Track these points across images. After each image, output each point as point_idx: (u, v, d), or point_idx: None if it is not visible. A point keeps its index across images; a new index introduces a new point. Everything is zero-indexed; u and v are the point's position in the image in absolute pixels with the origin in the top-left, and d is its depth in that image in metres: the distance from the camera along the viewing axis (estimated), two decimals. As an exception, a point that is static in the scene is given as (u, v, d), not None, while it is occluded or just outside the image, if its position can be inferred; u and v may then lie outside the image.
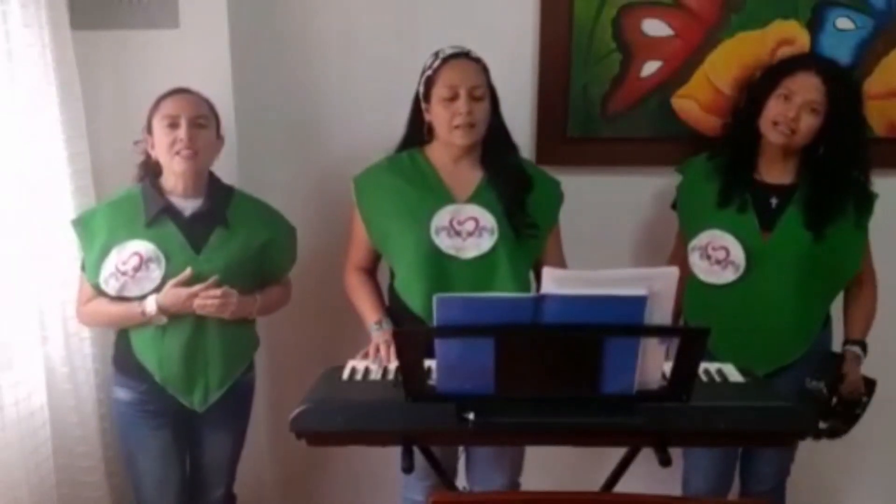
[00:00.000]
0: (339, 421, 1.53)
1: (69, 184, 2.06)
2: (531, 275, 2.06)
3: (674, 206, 2.22)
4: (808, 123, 1.95)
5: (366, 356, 1.86)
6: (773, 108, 1.98)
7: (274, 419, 2.46)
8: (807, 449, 2.06)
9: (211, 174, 2.02)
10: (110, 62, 2.19)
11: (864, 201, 2.03)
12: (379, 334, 1.93)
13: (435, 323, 1.43)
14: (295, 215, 2.18)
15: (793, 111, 1.95)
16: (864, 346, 2.08)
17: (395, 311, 2.02)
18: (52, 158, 2.03)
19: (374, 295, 2.06)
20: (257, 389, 2.22)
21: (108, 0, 2.17)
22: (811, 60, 2.08)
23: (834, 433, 2.07)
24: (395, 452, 1.58)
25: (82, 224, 1.97)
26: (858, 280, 2.10)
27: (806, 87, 1.95)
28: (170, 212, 1.95)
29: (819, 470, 2.49)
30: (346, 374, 1.71)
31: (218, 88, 2.18)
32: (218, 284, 1.90)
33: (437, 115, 1.93)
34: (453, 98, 1.89)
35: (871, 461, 2.60)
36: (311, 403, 1.55)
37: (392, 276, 2.06)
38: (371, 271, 2.11)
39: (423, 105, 1.97)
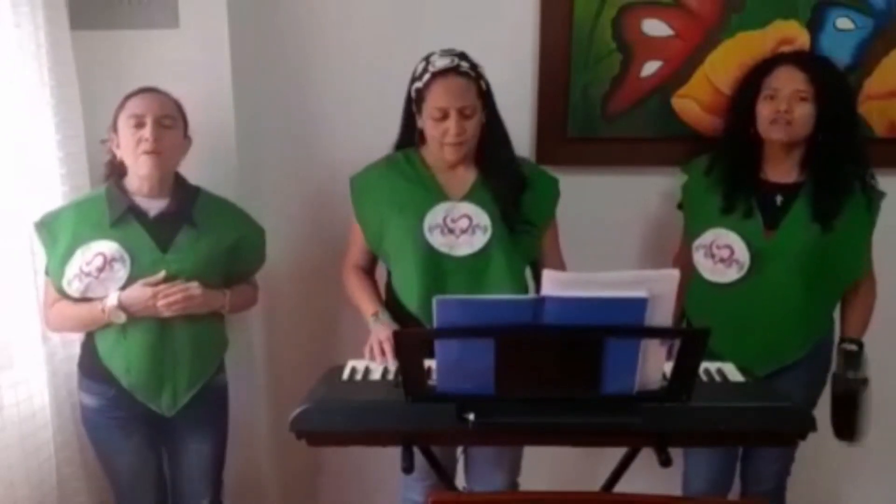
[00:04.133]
0: (339, 421, 1.54)
1: (66, 184, 2.06)
2: (528, 273, 2.06)
3: (680, 206, 2.22)
4: (802, 111, 1.96)
5: (370, 352, 1.86)
6: (764, 110, 2.00)
7: (274, 419, 2.46)
8: (807, 449, 2.05)
9: (177, 175, 2.00)
10: (110, 62, 2.19)
11: (870, 195, 2.02)
12: (378, 327, 1.93)
13: (435, 324, 1.43)
14: (294, 215, 2.19)
15: (783, 104, 1.96)
16: (860, 346, 2.08)
17: (392, 308, 2.02)
18: (48, 158, 2.02)
19: (371, 289, 2.06)
20: (257, 390, 2.22)
21: (108, 0, 2.17)
22: (785, 55, 2.09)
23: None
24: (395, 452, 1.58)
25: (45, 226, 1.92)
26: (857, 279, 2.10)
27: (788, 79, 1.98)
28: (134, 212, 1.92)
29: (819, 470, 2.49)
30: (346, 374, 1.71)
31: (218, 88, 2.18)
32: (170, 280, 1.87)
33: (428, 129, 1.93)
34: (443, 118, 1.89)
35: (871, 461, 2.60)
36: (311, 403, 1.55)
37: (389, 274, 2.06)
38: (368, 270, 2.11)
39: (415, 111, 1.97)
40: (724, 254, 2.03)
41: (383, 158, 2.06)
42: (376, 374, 1.72)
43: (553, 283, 1.41)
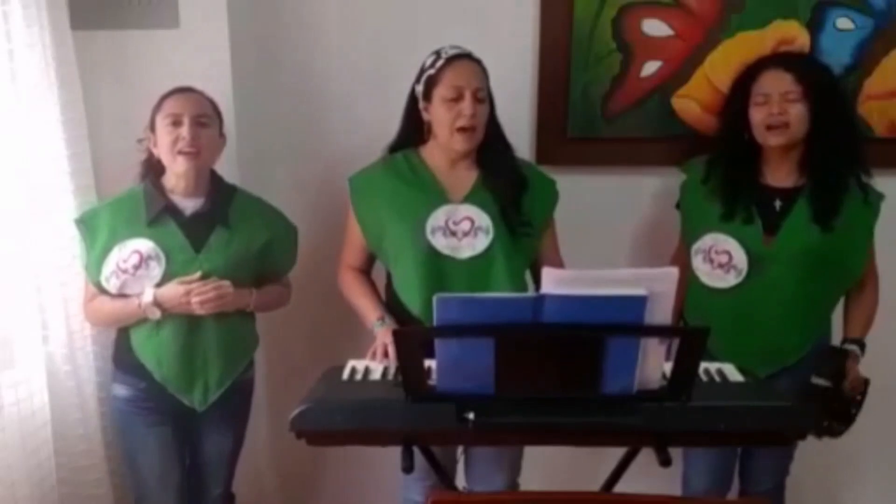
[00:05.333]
0: (338, 421, 1.53)
1: (70, 183, 2.06)
2: (528, 273, 2.06)
3: (678, 206, 2.21)
4: (796, 112, 1.96)
5: (373, 356, 1.86)
6: (757, 116, 1.99)
7: (274, 419, 2.46)
8: (807, 449, 2.06)
9: (213, 173, 2.03)
10: (111, 62, 2.20)
11: (868, 193, 2.02)
12: (382, 331, 1.93)
13: (435, 323, 1.43)
14: (294, 215, 2.18)
15: (775, 107, 1.96)
16: (862, 346, 2.08)
17: (394, 311, 2.02)
18: (53, 158, 2.02)
19: (372, 292, 2.06)
20: (257, 389, 2.22)
21: (109, 0, 2.18)
22: (769, 59, 2.09)
23: (833, 432, 2.06)
24: (395, 452, 1.58)
25: (85, 223, 1.98)
26: (861, 280, 2.09)
27: (774, 82, 1.97)
28: (171, 211, 1.96)
29: (819, 470, 2.49)
30: (346, 374, 1.71)
31: (218, 88, 2.18)
32: (205, 277, 1.91)
33: (439, 116, 1.93)
34: (457, 99, 1.89)
35: (871, 461, 2.60)
36: (311, 403, 1.55)
37: (389, 277, 2.06)
38: (365, 271, 2.11)
39: (423, 104, 1.96)
40: (722, 259, 2.02)
41: (382, 159, 2.06)
42: (376, 374, 1.71)
43: (553, 281, 1.41)
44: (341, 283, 2.11)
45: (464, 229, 1.96)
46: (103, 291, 1.96)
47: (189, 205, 1.98)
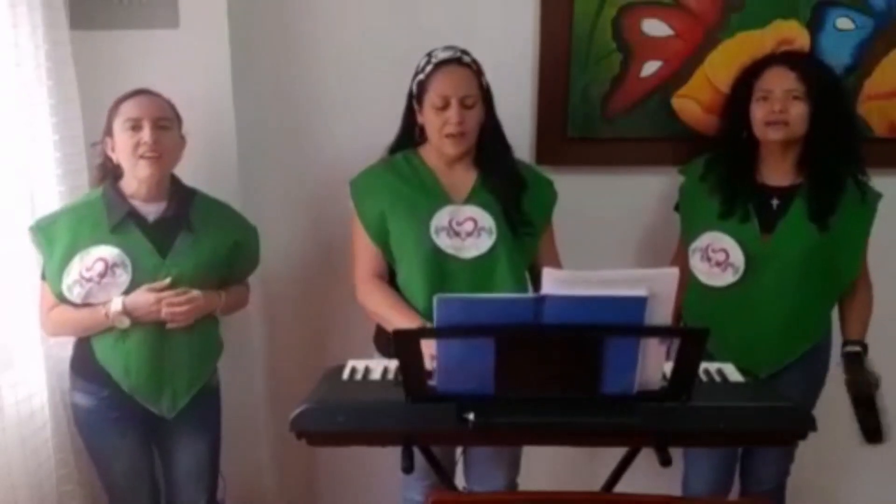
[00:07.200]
0: (339, 421, 1.53)
1: (63, 184, 2.05)
2: (527, 274, 2.06)
3: (677, 208, 2.21)
4: (798, 110, 1.96)
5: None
6: (759, 112, 1.99)
7: (274, 419, 2.46)
8: (807, 449, 2.05)
9: (173, 176, 1.99)
10: (110, 62, 2.19)
11: (865, 192, 2.02)
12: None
13: (435, 323, 1.43)
14: (294, 216, 2.19)
15: (777, 104, 1.96)
16: (864, 347, 2.08)
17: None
18: (45, 159, 2.02)
19: (401, 302, 1.97)
20: (258, 390, 2.22)
21: (108, 0, 2.17)
22: (774, 56, 2.09)
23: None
24: (395, 452, 1.58)
25: (41, 231, 1.90)
26: (853, 280, 2.10)
27: (778, 79, 1.98)
28: (133, 217, 1.91)
29: (819, 470, 2.50)
30: (346, 374, 1.71)
31: (218, 88, 2.18)
32: (174, 286, 1.88)
33: (429, 121, 1.93)
34: (444, 107, 1.89)
35: (871, 461, 2.60)
36: (312, 403, 1.55)
37: (392, 274, 2.06)
38: (384, 278, 2.03)
39: (416, 107, 1.97)
40: (719, 257, 2.02)
41: (382, 160, 2.06)
42: (376, 374, 1.71)
43: (553, 282, 1.41)
44: (363, 297, 2.01)
45: (467, 230, 1.96)
46: (65, 301, 1.89)
47: (151, 210, 1.93)
